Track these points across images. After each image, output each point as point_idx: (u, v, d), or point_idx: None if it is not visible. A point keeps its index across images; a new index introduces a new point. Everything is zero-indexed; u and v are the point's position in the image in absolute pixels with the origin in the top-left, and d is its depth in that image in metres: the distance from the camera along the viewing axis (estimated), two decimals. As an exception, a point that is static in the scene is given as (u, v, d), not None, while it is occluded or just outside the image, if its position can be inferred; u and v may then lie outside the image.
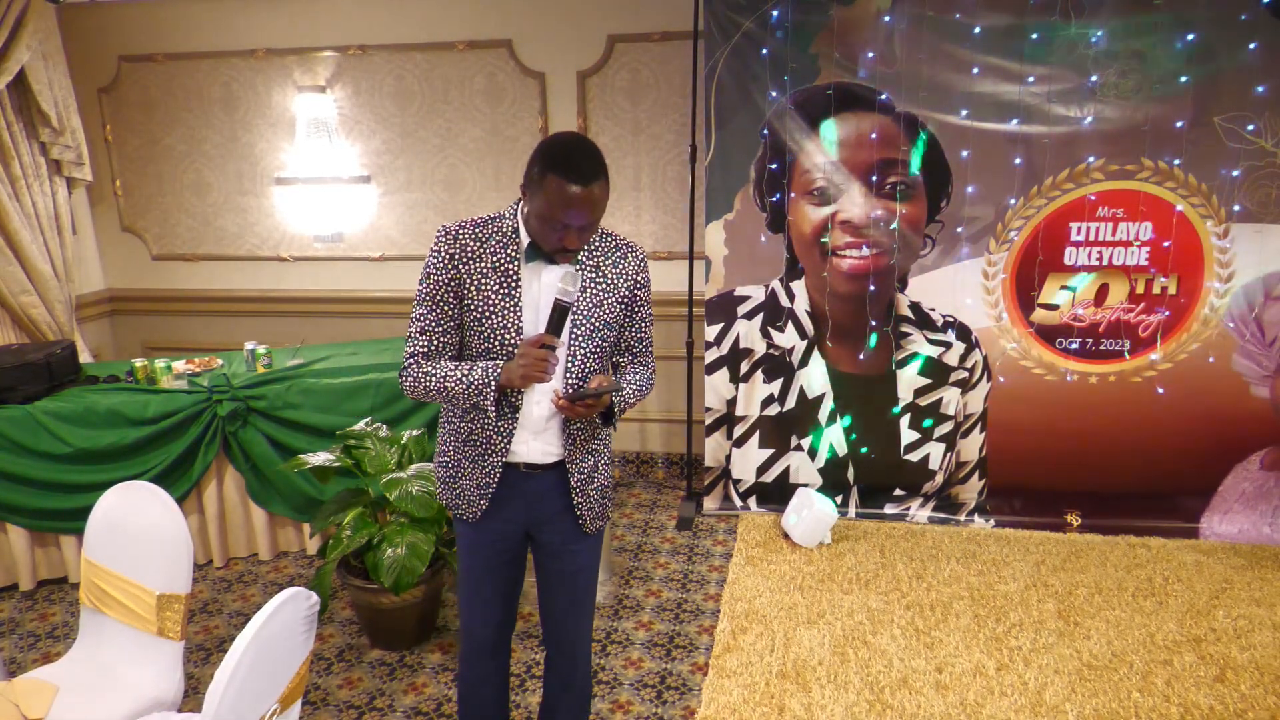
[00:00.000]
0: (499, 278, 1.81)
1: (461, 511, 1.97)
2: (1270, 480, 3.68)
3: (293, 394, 3.53)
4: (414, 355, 1.87)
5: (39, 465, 3.29)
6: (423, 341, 1.86)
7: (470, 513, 1.95)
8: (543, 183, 1.69)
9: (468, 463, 1.92)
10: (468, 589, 2.04)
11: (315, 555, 3.71)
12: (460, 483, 1.95)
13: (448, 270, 1.82)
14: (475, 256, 1.81)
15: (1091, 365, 3.70)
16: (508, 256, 1.82)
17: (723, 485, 4.11)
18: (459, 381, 1.81)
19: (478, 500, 1.93)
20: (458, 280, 1.82)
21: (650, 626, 3.15)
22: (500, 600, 2.05)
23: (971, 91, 3.52)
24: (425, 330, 1.86)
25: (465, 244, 1.82)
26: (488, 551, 1.99)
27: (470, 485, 1.93)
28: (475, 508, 1.94)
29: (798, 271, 3.82)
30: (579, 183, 1.67)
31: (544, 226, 1.73)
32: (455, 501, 1.97)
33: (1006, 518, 3.90)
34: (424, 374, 1.85)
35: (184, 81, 4.48)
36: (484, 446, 1.90)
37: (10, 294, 4.02)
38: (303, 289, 4.68)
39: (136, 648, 2.08)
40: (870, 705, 2.63)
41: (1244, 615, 3.10)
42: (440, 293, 1.83)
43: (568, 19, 4.09)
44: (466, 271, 1.81)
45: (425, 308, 1.85)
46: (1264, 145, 3.37)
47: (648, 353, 2.02)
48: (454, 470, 1.96)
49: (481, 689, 2.13)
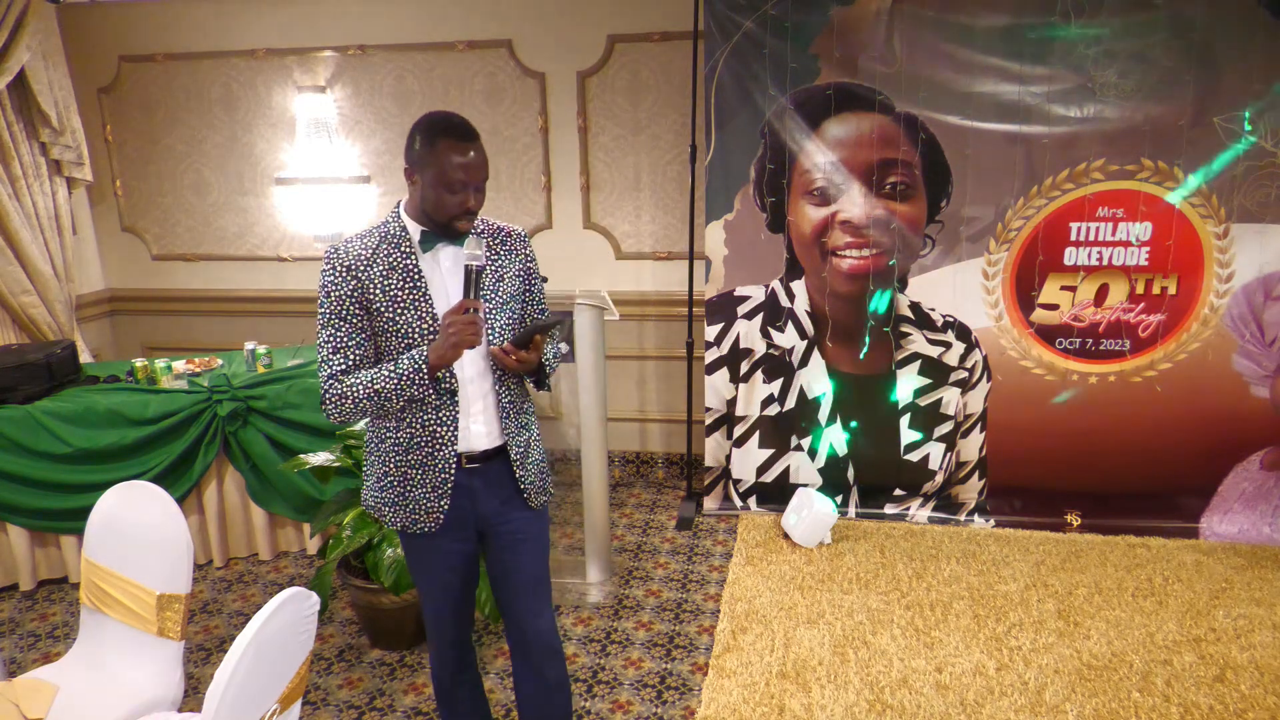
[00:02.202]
0: (399, 275, 1.84)
1: (420, 525, 1.93)
2: (1270, 480, 3.68)
3: (293, 394, 3.52)
4: (332, 375, 1.84)
5: (39, 465, 3.29)
6: (337, 360, 1.84)
7: (430, 522, 1.93)
8: (434, 153, 1.77)
9: (416, 469, 1.91)
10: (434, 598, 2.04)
11: (315, 555, 3.71)
12: (413, 494, 1.92)
13: (347, 283, 1.82)
14: (370, 262, 1.84)
15: (1091, 365, 3.71)
16: (402, 254, 1.85)
17: (723, 485, 4.11)
18: (388, 379, 1.80)
19: (438, 503, 1.91)
20: (360, 289, 1.83)
21: (650, 626, 3.15)
22: (465, 602, 2.09)
23: (971, 91, 3.52)
24: (339, 349, 1.84)
25: (357, 254, 1.84)
26: (447, 555, 1.99)
27: (425, 492, 1.91)
28: (436, 513, 1.92)
29: (798, 271, 3.82)
30: (467, 142, 1.78)
31: (443, 194, 1.79)
32: (411, 517, 1.93)
33: (1006, 518, 3.90)
34: (348, 388, 1.82)
35: (184, 81, 4.48)
36: (431, 444, 1.89)
37: (10, 294, 4.03)
38: (303, 289, 4.68)
39: (136, 648, 2.08)
40: (870, 705, 2.63)
41: (1244, 615, 3.10)
42: (345, 307, 1.83)
43: (568, 19, 4.09)
44: (366, 278, 1.83)
45: (333, 328, 1.84)
46: (1264, 145, 3.38)
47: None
48: (402, 484, 1.92)
49: (459, 690, 2.16)
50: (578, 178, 4.29)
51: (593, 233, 4.33)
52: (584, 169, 4.26)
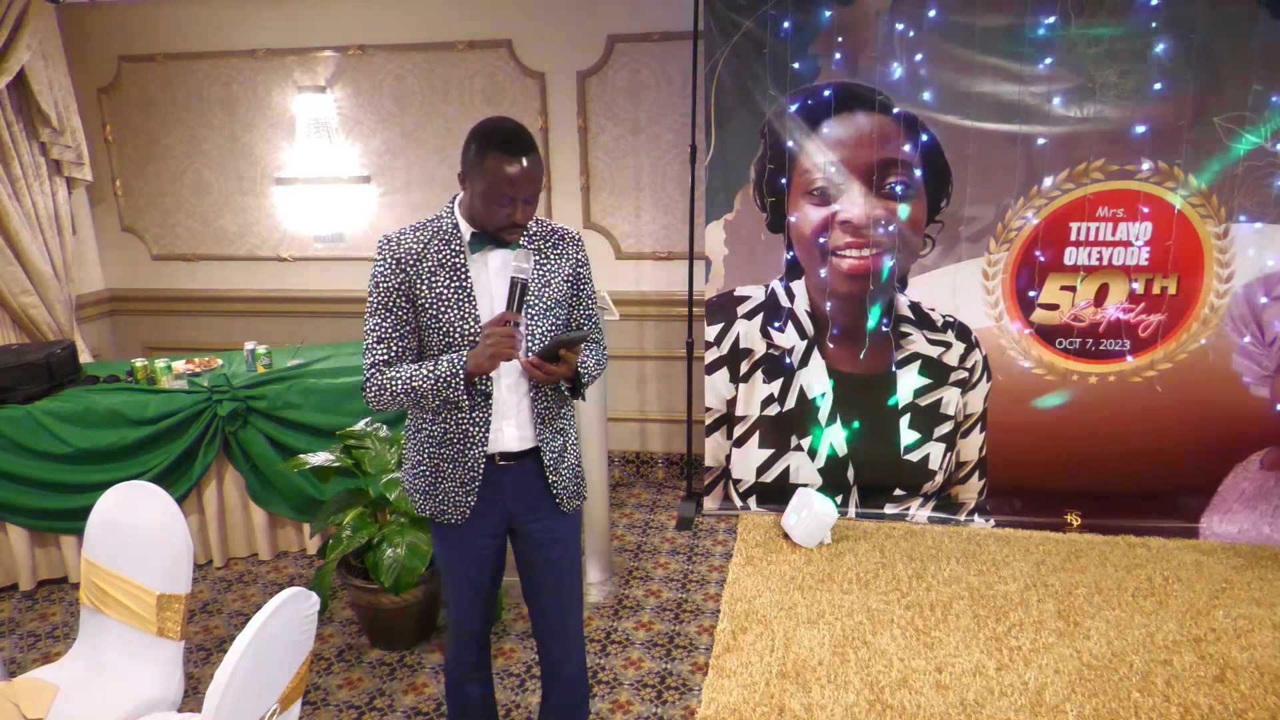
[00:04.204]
0: (447, 273, 1.85)
1: (448, 515, 1.96)
2: (1270, 480, 3.68)
3: (293, 394, 3.52)
4: (374, 365, 1.88)
5: (39, 465, 3.29)
6: (381, 350, 1.87)
7: (458, 514, 1.95)
8: (483, 164, 1.75)
9: (447, 463, 1.93)
10: (460, 590, 2.05)
11: (315, 555, 3.71)
12: (443, 485, 1.95)
13: (395, 275, 1.85)
14: (420, 257, 1.85)
15: (1091, 365, 3.70)
16: (452, 252, 1.86)
17: (723, 485, 4.11)
18: (425, 379, 1.81)
19: (464, 499, 1.94)
20: (407, 283, 1.85)
21: (650, 626, 3.15)
22: (490, 596, 2.09)
23: (971, 91, 3.52)
24: (383, 339, 1.87)
25: (409, 247, 1.85)
26: (476, 548, 2.00)
27: (454, 485, 1.94)
28: (463, 507, 1.94)
29: (798, 271, 3.82)
30: (520, 155, 1.75)
31: (490, 206, 1.78)
32: (440, 507, 1.96)
33: (1006, 518, 3.90)
34: (388, 380, 1.85)
35: (184, 81, 4.48)
36: (462, 442, 1.91)
37: (10, 294, 4.03)
38: (303, 289, 4.68)
39: (136, 648, 2.08)
40: (870, 705, 2.63)
41: (1244, 615, 3.10)
42: (392, 299, 1.86)
43: (568, 19, 4.09)
44: (415, 273, 1.84)
45: (379, 317, 1.87)
46: (1264, 145, 3.37)
47: (597, 329, 2.06)
48: (433, 475, 1.95)
49: (469, 687, 2.16)
50: (578, 178, 4.29)
51: (593, 232, 4.33)
52: (584, 169, 4.26)
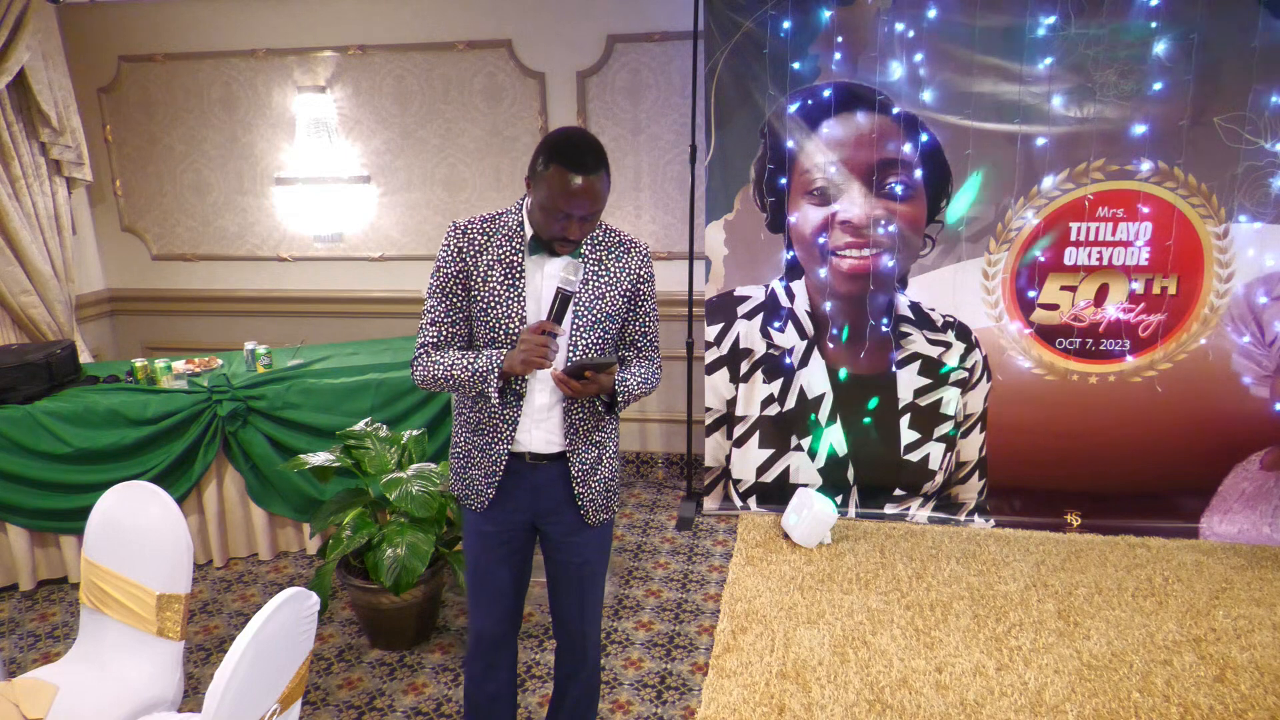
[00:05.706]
0: (503, 270, 1.88)
1: (470, 501, 2.01)
2: (1270, 480, 3.68)
3: (293, 394, 3.52)
4: (424, 345, 1.95)
5: (39, 465, 3.29)
6: (433, 332, 1.94)
7: (478, 502, 1.99)
8: (546, 173, 1.75)
9: (476, 451, 1.97)
10: (476, 580, 2.07)
11: (315, 555, 3.71)
12: (470, 472, 1.99)
13: (456, 263, 1.89)
14: (482, 250, 1.89)
15: (1091, 365, 3.70)
16: (512, 249, 1.88)
17: (723, 485, 4.11)
18: (465, 369, 1.87)
19: (485, 489, 1.97)
20: (465, 273, 1.89)
21: (650, 626, 3.15)
22: (507, 592, 2.07)
23: (971, 91, 3.52)
24: (435, 322, 1.93)
25: (473, 238, 1.89)
26: (494, 541, 2.02)
27: (479, 474, 1.98)
28: (483, 497, 1.98)
29: (798, 271, 3.82)
30: (581, 173, 1.73)
31: (547, 217, 1.78)
32: (465, 491, 2.02)
33: (1006, 518, 3.90)
34: (433, 363, 1.92)
35: (184, 81, 4.48)
36: (491, 435, 1.94)
37: (10, 294, 4.02)
38: (303, 289, 4.68)
39: (136, 648, 2.08)
40: (870, 705, 2.63)
41: (1244, 615, 3.10)
42: (449, 285, 1.91)
43: (568, 19, 4.09)
44: (473, 264, 1.88)
45: (436, 300, 1.93)
46: (1264, 145, 3.38)
47: (653, 347, 2.05)
48: (465, 459, 2.01)
49: (487, 685, 2.13)
50: (578, 178, 4.28)
51: (593, 233, 4.33)
52: (584, 169, 4.26)
